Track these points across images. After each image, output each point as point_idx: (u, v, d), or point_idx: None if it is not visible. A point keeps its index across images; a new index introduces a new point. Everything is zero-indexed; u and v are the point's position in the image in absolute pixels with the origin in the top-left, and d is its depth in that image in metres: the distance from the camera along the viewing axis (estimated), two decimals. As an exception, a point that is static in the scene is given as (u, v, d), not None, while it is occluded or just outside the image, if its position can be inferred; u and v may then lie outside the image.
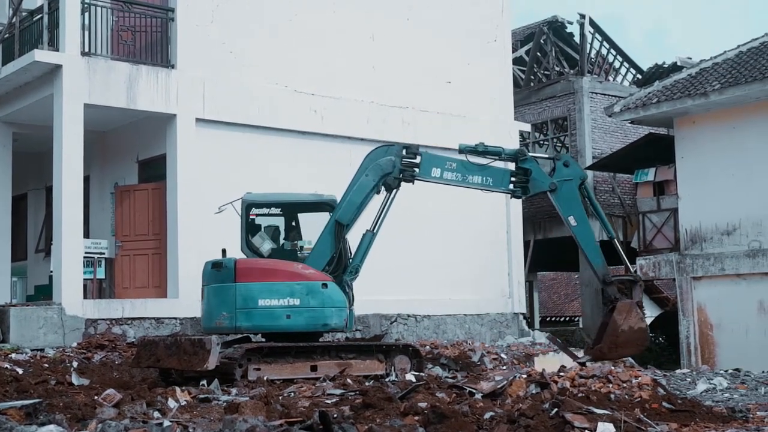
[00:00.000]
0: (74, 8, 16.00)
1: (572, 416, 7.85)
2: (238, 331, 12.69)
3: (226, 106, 17.32)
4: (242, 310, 12.49)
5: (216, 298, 12.66)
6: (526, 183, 13.09)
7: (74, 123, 15.84)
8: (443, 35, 20.65)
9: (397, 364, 13.20)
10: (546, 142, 27.40)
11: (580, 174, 13.16)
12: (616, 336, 12.45)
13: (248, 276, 12.57)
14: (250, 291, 12.52)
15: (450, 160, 13.09)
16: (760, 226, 19.81)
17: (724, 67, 20.73)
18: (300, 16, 18.56)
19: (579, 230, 13.13)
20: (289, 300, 12.60)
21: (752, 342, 19.63)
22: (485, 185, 13.15)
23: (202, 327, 13.23)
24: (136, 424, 7.87)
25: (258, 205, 13.44)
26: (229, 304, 12.51)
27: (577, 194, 13.05)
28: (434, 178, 13.02)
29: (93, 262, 16.68)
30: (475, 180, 13.02)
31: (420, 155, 13.04)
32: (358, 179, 13.02)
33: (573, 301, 40.28)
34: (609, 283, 12.95)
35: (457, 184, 13.17)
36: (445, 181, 13.06)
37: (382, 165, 12.96)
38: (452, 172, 13.01)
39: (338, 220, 12.92)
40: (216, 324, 12.66)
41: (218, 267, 12.76)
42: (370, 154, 13.14)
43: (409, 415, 8.56)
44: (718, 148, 20.56)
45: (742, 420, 9.20)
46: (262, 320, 12.58)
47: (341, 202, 13.09)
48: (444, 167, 13.01)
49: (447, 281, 19.71)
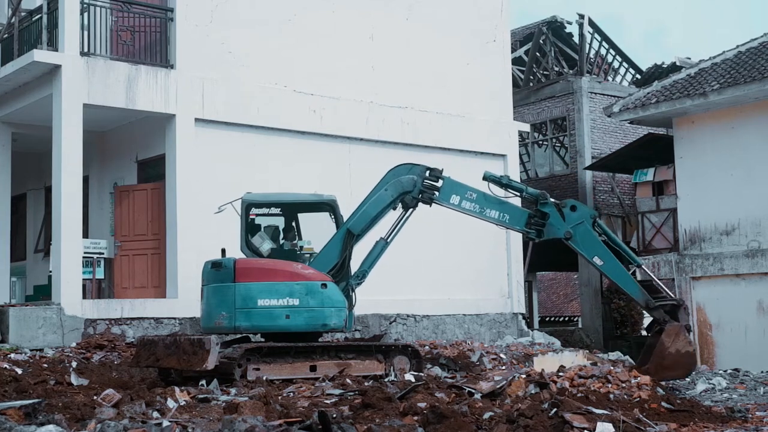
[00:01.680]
0: (73, 8, 15.99)
1: (571, 416, 7.86)
2: (237, 330, 12.70)
3: (226, 106, 17.32)
4: (241, 309, 12.51)
5: (215, 298, 12.67)
6: (541, 226, 13.08)
7: (73, 123, 15.83)
8: (442, 35, 20.65)
9: (397, 364, 13.20)
10: (545, 142, 27.42)
11: (590, 213, 13.21)
12: (663, 358, 12.42)
13: (248, 276, 12.58)
14: (250, 291, 12.53)
15: (471, 190, 13.18)
16: (759, 226, 19.82)
17: (723, 68, 20.73)
18: (299, 16, 18.56)
19: (607, 268, 13.02)
20: (289, 300, 12.62)
21: (751, 342, 19.64)
22: (501, 221, 13.23)
23: (201, 327, 13.23)
24: (135, 424, 7.87)
25: (258, 205, 13.45)
26: (228, 303, 12.52)
27: (593, 235, 12.99)
28: (452, 204, 13.19)
29: (92, 262, 16.67)
30: (492, 214, 13.16)
31: (443, 179, 13.17)
32: (376, 192, 13.14)
33: (572, 301, 40.30)
34: (654, 308, 12.87)
35: (473, 215, 13.30)
36: (462, 209, 13.22)
37: (404, 182, 13.15)
38: (471, 202, 13.16)
39: (350, 229, 13.05)
40: (215, 324, 12.67)
41: (218, 267, 12.77)
42: (393, 169, 13.25)
43: (408, 415, 8.57)
44: (717, 148, 20.57)
45: (741, 420, 9.22)
46: (261, 320, 12.59)
47: (356, 211, 13.18)
48: (464, 196, 13.15)
49: (446, 281, 19.71)
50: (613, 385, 10.22)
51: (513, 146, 21.66)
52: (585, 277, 26.02)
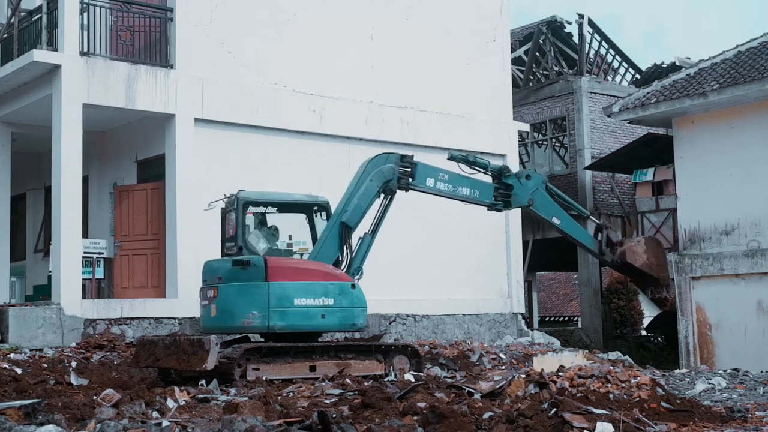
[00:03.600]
0: (73, 8, 15.99)
1: (571, 416, 7.86)
2: (270, 330, 12.55)
3: (225, 106, 17.32)
4: (276, 309, 12.45)
5: (242, 297, 12.48)
6: (507, 198, 14.20)
7: (73, 123, 15.83)
8: (442, 35, 20.65)
9: (396, 364, 13.21)
10: (545, 142, 27.42)
11: (542, 179, 14.46)
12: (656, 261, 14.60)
13: (280, 275, 12.56)
14: (285, 290, 12.51)
15: (443, 172, 13.84)
16: (758, 226, 19.81)
17: (722, 68, 20.73)
18: (299, 16, 18.56)
19: (564, 225, 14.43)
20: (324, 300, 12.76)
21: (751, 342, 19.64)
22: (473, 197, 14.07)
23: (210, 326, 12.89)
24: (134, 424, 7.87)
25: (255, 203, 13.42)
26: (260, 303, 12.41)
27: (549, 198, 14.35)
28: (428, 187, 13.72)
29: (92, 262, 16.68)
30: (464, 192, 13.93)
31: (415, 164, 13.65)
32: (362, 184, 13.33)
33: (572, 301, 40.30)
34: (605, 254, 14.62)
35: (447, 195, 13.94)
36: (437, 191, 13.80)
37: (385, 172, 13.49)
38: (444, 183, 13.79)
39: (346, 223, 13.16)
40: (242, 323, 12.48)
41: (244, 265, 12.60)
42: (373, 160, 13.56)
43: (408, 415, 8.56)
44: (716, 148, 20.56)
45: (741, 420, 9.21)
46: (298, 320, 12.60)
47: (346, 205, 13.29)
48: (437, 177, 13.77)
49: (446, 281, 19.71)
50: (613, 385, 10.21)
51: (513, 146, 21.67)
52: (585, 277, 26.01)
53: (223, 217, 13.32)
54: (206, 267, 13.31)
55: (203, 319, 13.14)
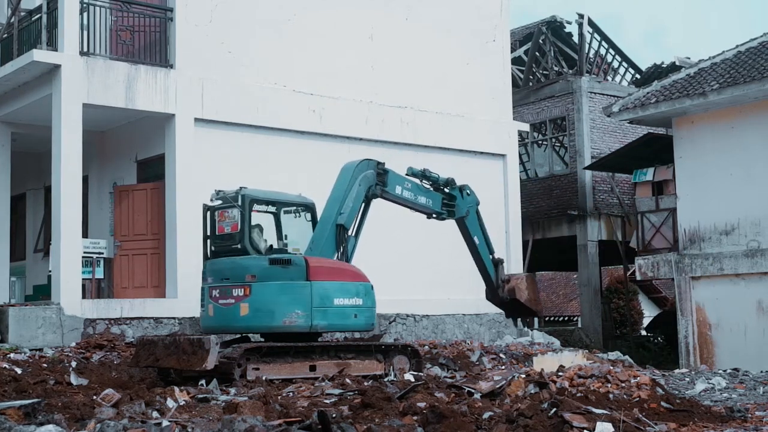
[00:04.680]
0: (73, 8, 15.99)
1: (571, 416, 7.85)
2: (312, 329, 12.68)
3: (225, 106, 17.32)
4: (318, 308, 12.60)
5: (284, 296, 12.49)
6: (451, 207, 15.04)
7: (73, 123, 15.83)
8: (442, 35, 20.65)
9: (396, 364, 13.22)
10: (545, 142, 27.42)
11: (478, 201, 15.41)
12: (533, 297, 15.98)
13: (320, 275, 12.75)
14: (326, 290, 12.72)
15: (407, 181, 14.54)
16: (758, 225, 19.81)
17: (722, 67, 20.72)
18: (299, 16, 18.56)
19: (481, 246, 15.58)
20: (355, 300, 13.10)
21: (751, 342, 19.63)
22: (427, 206, 14.81)
23: (242, 326, 12.67)
24: (134, 423, 7.87)
25: (259, 201, 13.42)
26: (303, 302, 12.51)
27: (476, 218, 15.44)
28: (396, 195, 14.30)
29: (92, 262, 16.67)
30: (421, 200, 14.72)
31: (388, 171, 14.13)
32: (351, 188, 13.62)
33: (572, 301, 40.32)
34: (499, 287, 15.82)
35: (408, 203, 14.59)
36: (402, 198, 14.43)
37: (368, 177, 13.89)
38: (408, 191, 14.50)
39: (344, 224, 13.38)
40: (284, 322, 12.47)
41: (283, 264, 12.64)
42: (359, 165, 13.86)
43: (407, 415, 8.56)
44: (716, 148, 20.56)
45: (741, 420, 9.21)
46: (336, 319, 12.86)
47: (341, 207, 13.43)
48: (403, 186, 14.43)
49: (445, 281, 19.70)
50: (613, 385, 10.20)
51: (512, 146, 21.67)
52: (584, 277, 26.00)
53: (211, 213, 13.26)
54: (216, 265, 13.00)
55: (228, 319, 12.69)
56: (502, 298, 15.90)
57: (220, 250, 13.09)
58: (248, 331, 12.83)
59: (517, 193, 21.56)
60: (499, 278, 15.83)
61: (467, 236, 15.46)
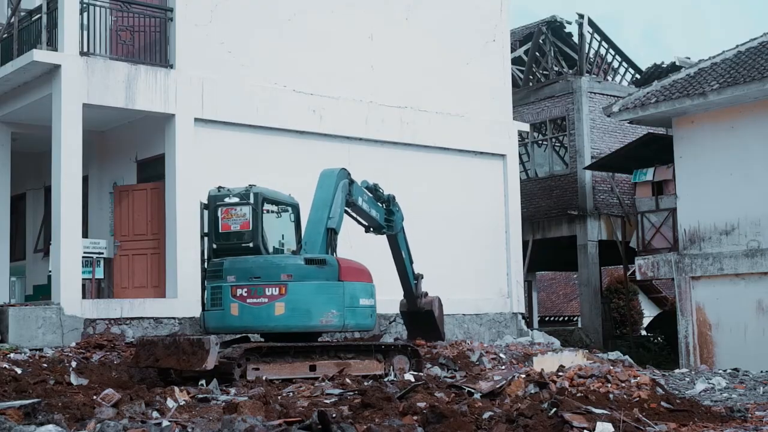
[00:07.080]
0: (73, 8, 15.98)
1: (571, 416, 7.86)
2: (344, 329, 13.16)
3: (225, 106, 17.32)
4: (349, 308, 12.99)
5: (321, 296, 12.65)
6: (391, 222, 15.55)
7: (73, 123, 15.82)
8: (442, 35, 20.65)
9: (396, 364, 13.23)
10: (545, 142, 27.42)
11: (403, 217, 16.00)
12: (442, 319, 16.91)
13: (349, 275, 13.16)
14: (355, 290, 13.16)
15: (365, 193, 15.01)
16: (758, 225, 19.80)
17: (722, 67, 20.72)
18: (299, 16, 18.56)
19: (407, 260, 16.07)
20: (371, 300, 13.61)
21: (751, 342, 19.63)
22: (376, 219, 15.19)
23: (278, 325, 12.57)
24: (134, 423, 7.88)
25: (269, 200, 13.46)
26: (337, 302, 12.80)
27: (404, 234, 15.97)
28: (357, 205, 14.64)
29: (92, 262, 16.66)
30: (373, 213, 15.10)
31: (353, 183, 14.50)
32: (336, 194, 13.91)
33: (572, 301, 40.30)
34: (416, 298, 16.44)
35: (363, 215, 14.92)
36: (359, 209, 14.71)
37: (345, 185, 14.25)
38: (366, 203, 14.85)
39: (334, 228, 13.62)
40: (321, 322, 12.69)
41: (319, 263, 12.76)
42: (339, 173, 14.19)
43: (407, 415, 8.57)
44: (716, 148, 20.56)
45: (741, 419, 9.22)
46: (361, 319, 13.26)
47: (331, 212, 13.68)
48: (363, 197, 14.81)
49: (445, 281, 19.64)
50: (613, 385, 10.21)
51: (512, 146, 21.66)
52: (584, 277, 26.00)
53: (213, 211, 13.21)
54: (240, 263, 12.78)
55: (259, 318, 12.53)
56: (419, 308, 16.43)
57: (226, 249, 13.03)
58: (283, 330, 12.68)
59: (517, 193, 21.55)
60: (419, 290, 16.42)
61: (396, 250, 15.90)
